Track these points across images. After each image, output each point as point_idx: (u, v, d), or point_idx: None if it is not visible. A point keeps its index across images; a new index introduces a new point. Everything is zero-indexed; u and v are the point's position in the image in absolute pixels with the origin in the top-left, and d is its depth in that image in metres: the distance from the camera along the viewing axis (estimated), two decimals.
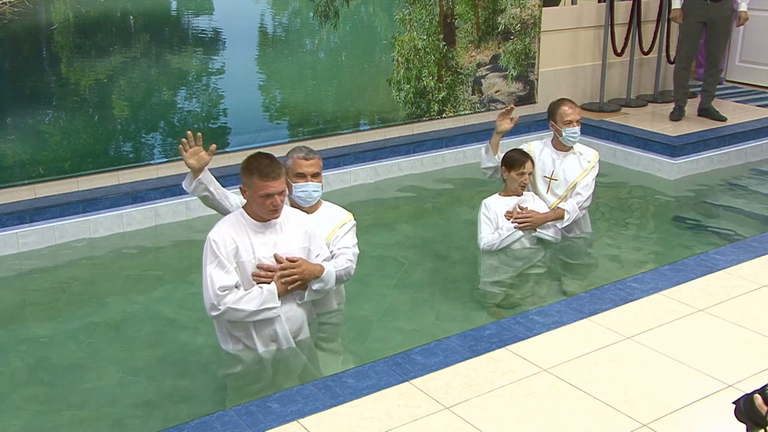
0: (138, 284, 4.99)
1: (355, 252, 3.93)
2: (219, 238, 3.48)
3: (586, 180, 4.98)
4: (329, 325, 4.03)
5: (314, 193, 3.86)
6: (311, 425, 2.96)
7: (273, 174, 3.43)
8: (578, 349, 3.48)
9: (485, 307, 4.55)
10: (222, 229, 3.51)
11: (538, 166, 5.06)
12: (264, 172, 3.42)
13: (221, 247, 3.46)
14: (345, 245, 3.91)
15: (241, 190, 3.55)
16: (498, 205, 4.73)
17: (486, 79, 7.56)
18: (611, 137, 7.31)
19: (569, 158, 5.01)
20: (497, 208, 4.72)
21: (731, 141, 7.25)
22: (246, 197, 3.54)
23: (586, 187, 4.97)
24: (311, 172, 3.83)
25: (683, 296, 3.93)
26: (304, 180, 3.82)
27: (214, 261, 3.45)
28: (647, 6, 8.27)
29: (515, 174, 4.68)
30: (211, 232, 3.49)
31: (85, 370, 4.00)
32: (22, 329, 4.45)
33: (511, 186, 4.74)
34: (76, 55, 5.59)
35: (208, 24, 6.07)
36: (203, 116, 6.17)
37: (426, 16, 7.04)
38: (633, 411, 3.04)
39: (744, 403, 2.10)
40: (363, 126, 6.93)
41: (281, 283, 3.52)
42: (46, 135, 5.59)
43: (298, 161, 3.84)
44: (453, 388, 3.19)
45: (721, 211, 6.17)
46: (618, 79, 8.41)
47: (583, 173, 5.01)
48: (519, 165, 4.69)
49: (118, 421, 3.60)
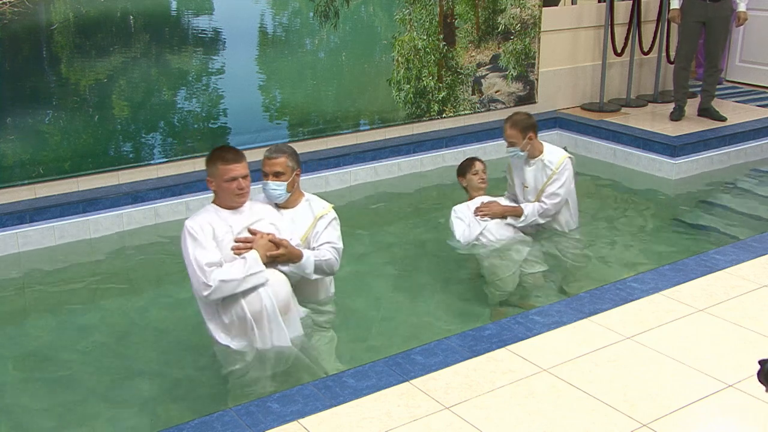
0: (138, 284, 4.99)
1: (337, 246, 3.97)
2: (194, 224, 3.63)
3: (552, 188, 4.93)
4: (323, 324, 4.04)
5: (273, 192, 3.95)
6: (311, 425, 2.96)
7: (234, 159, 3.67)
8: (578, 349, 3.48)
9: (485, 307, 4.55)
10: (195, 217, 3.68)
11: (517, 175, 5.08)
12: (226, 158, 3.67)
13: (198, 231, 3.60)
14: (326, 240, 3.95)
15: (208, 182, 3.72)
16: (466, 209, 4.97)
17: (486, 79, 7.56)
18: (611, 137, 7.31)
19: (536, 166, 4.99)
20: (465, 210, 4.96)
21: (731, 141, 7.25)
22: (213, 188, 3.71)
23: (551, 195, 4.93)
24: (271, 171, 3.94)
25: (683, 296, 3.93)
26: (266, 179, 3.96)
27: (194, 244, 3.58)
28: (647, 6, 8.27)
29: (470, 175, 4.99)
30: (186, 222, 3.64)
31: (84, 370, 4.00)
32: (22, 329, 4.45)
33: (471, 189, 5.02)
34: (76, 55, 5.59)
35: (208, 24, 6.07)
36: (203, 116, 6.17)
37: (426, 16, 7.04)
38: (633, 411, 3.04)
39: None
40: (363, 126, 6.94)
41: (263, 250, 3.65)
42: (46, 135, 5.59)
43: (264, 160, 3.99)
44: (453, 388, 3.19)
45: (721, 211, 6.17)
46: (618, 79, 8.41)
47: (548, 180, 4.98)
48: (469, 167, 5.02)
49: (118, 421, 3.60)
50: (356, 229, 5.55)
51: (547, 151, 4.99)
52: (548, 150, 5.00)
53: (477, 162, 5.04)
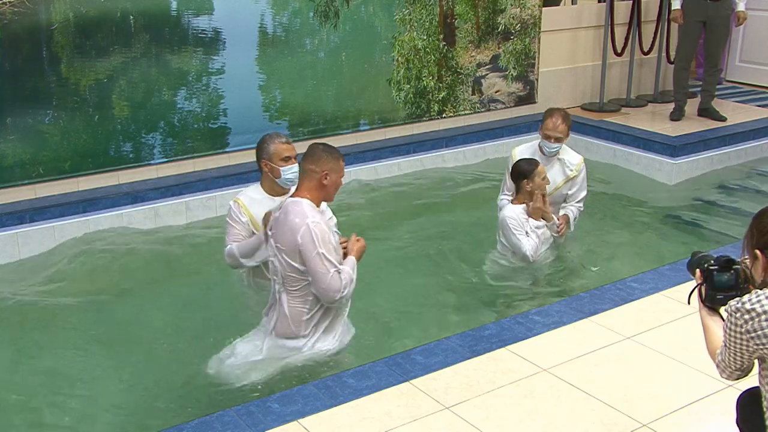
0: (137, 284, 4.99)
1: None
2: (318, 223, 3.51)
3: (581, 194, 5.06)
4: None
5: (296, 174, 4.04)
6: (311, 425, 2.97)
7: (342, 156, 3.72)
8: (578, 349, 3.49)
9: (485, 306, 4.54)
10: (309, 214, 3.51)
11: None
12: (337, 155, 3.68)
13: (325, 233, 3.53)
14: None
15: (324, 176, 3.58)
16: (519, 213, 4.74)
17: (486, 79, 7.56)
18: (611, 137, 7.31)
19: (555, 165, 5.02)
20: (519, 216, 4.73)
21: (731, 141, 7.25)
22: (326, 182, 3.60)
23: (581, 201, 5.06)
24: (293, 154, 4.14)
25: (683, 296, 3.90)
26: (291, 162, 4.11)
27: (326, 246, 3.51)
28: (647, 6, 8.27)
29: (538, 179, 4.68)
30: (309, 222, 3.48)
31: (84, 371, 3.99)
32: (22, 329, 4.44)
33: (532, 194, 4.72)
34: (76, 55, 5.59)
35: (208, 24, 6.06)
36: (203, 116, 6.16)
37: (426, 16, 7.03)
38: (633, 411, 3.05)
39: (694, 261, 2.58)
40: (363, 126, 6.93)
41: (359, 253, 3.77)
42: (46, 135, 5.59)
43: (282, 146, 4.11)
44: (453, 388, 3.19)
45: (721, 211, 6.17)
46: (618, 79, 8.41)
47: (565, 180, 5.02)
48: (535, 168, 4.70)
49: (118, 420, 3.60)
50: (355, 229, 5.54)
51: (563, 150, 5.03)
52: (564, 150, 5.04)
53: (539, 164, 4.76)
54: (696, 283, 2.52)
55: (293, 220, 3.50)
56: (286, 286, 3.63)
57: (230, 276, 4.57)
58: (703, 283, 2.48)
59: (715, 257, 2.48)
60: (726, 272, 2.42)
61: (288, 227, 3.51)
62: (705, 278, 2.47)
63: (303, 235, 3.47)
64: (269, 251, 3.71)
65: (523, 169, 4.71)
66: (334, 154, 3.64)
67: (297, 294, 3.62)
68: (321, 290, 3.53)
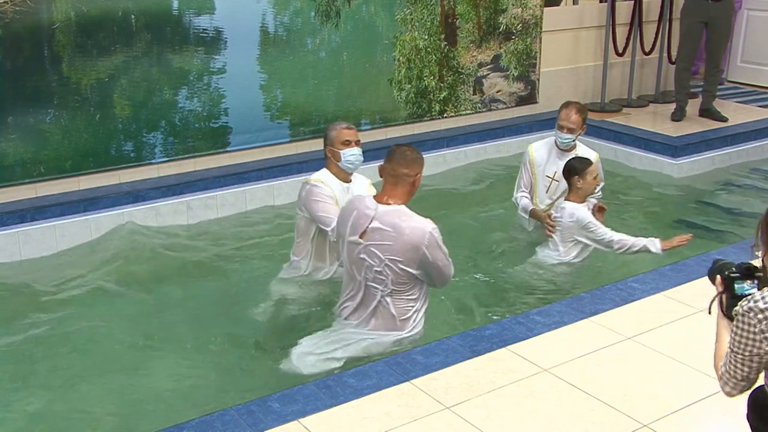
0: (140, 283, 4.98)
1: None
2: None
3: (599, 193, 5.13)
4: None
5: (360, 157, 4.34)
6: (312, 425, 2.97)
7: None
8: (579, 349, 3.48)
9: (486, 306, 4.54)
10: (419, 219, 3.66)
11: (540, 165, 5.07)
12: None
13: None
14: None
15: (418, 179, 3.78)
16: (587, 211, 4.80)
17: (487, 79, 7.56)
18: (612, 137, 7.31)
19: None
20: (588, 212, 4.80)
21: (732, 141, 7.24)
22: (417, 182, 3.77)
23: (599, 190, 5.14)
24: (354, 138, 4.32)
25: (684, 296, 3.93)
26: (350, 146, 4.29)
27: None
28: (648, 6, 8.26)
29: (590, 177, 4.73)
30: (429, 229, 3.60)
31: (86, 369, 3.99)
32: (24, 328, 4.43)
33: (584, 193, 4.78)
34: (77, 54, 5.59)
35: (209, 23, 6.06)
36: (204, 116, 6.16)
37: (427, 15, 7.03)
38: (633, 411, 3.05)
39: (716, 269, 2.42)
40: (364, 126, 6.93)
41: None
42: (47, 134, 5.59)
43: (342, 131, 4.31)
44: (453, 388, 3.19)
45: (722, 212, 6.16)
46: (619, 79, 8.41)
47: None
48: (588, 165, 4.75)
49: (118, 419, 3.60)
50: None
51: (579, 147, 5.09)
52: (580, 146, 5.11)
53: (592, 163, 4.82)
54: (716, 292, 2.40)
55: (411, 235, 3.54)
56: (393, 291, 3.65)
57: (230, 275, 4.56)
58: (723, 292, 2.36)
59: (736, 264, 2.35)
60: (747, 280, 2.31)
61: (406, 242, 3.55)
62: (725, 286, 2.35)
63: (428, 245, 3.56)
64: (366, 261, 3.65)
65: (575, 166, 4.76)
66: (421, 156, 3.77)
67: (405, 294, 3.68)
68: (444, 281, 3.74)
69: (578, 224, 4.70)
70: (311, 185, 4.25)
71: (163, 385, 3.84)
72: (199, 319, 4.48)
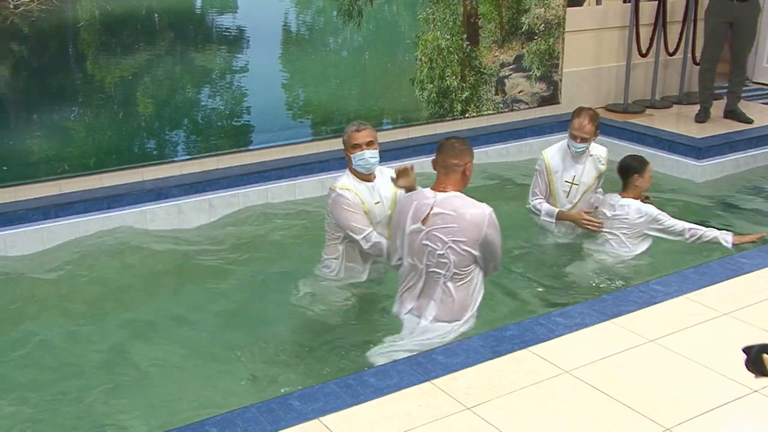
0: (162, 280, 5.01)
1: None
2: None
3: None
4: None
5: (371, 160, 4.27)
6: (332, 423, 2.97)
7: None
8: (601, 351, 3.46)
9: (507, 307, 4.52)
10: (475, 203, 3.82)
11: (557, 171, 5.08)
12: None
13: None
14: None
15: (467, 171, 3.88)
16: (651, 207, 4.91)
17: (509, 79, 7.53)
18: (635, 139, 7.25)
19: (587, 162, 5.10)
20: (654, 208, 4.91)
21: (758, 143, 7.17)
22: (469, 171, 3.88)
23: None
24: (365, 141, 4.24)
25: (708, 299, 3.89)
26: (360, 150, 4.22)
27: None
28: (673, 6, 8.20)
29: (647, 175, 4.85)
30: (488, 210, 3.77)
31: (107, 366, 4.02)
32: (44, 324, 4.47)
33: (641, 190, 4.89)
34: (101, 52, 5.63)
35: (232, 22, 6.09)
36: (226, 114, 6.19)
37: (450, 15, 7.02)
38: (656, 414, 3.02)
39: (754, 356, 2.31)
40: (386, 125, 6.93)
41: None
42: (71, 131, 5.64)
43: (352, 134, 4.27)
44: (474, 389, 3.18)
45: (746, 214, 6.10)
46: (642, 80, 8.34)
47: (597, 176, 5.15)
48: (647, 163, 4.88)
49: (141, 414, 3.62)
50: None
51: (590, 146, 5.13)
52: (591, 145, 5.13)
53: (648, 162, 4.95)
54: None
55: (472, 213, 3.72)
56: (455, 275, 3.77)
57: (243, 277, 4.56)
58: None
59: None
60: None
61: (469, 221, 3.70)
62: None
63: (489, 225, 3.72)
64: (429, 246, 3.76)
65: (633, 164, 4.86)
66: (470, 146, 3.89)
67: (465, 279, 3.80)
68: (497, 266, 3.92)
69: (648, 219, 4.81)
70: (337, 194, 4.25)
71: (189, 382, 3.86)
72: (223, 317, 4.49)
